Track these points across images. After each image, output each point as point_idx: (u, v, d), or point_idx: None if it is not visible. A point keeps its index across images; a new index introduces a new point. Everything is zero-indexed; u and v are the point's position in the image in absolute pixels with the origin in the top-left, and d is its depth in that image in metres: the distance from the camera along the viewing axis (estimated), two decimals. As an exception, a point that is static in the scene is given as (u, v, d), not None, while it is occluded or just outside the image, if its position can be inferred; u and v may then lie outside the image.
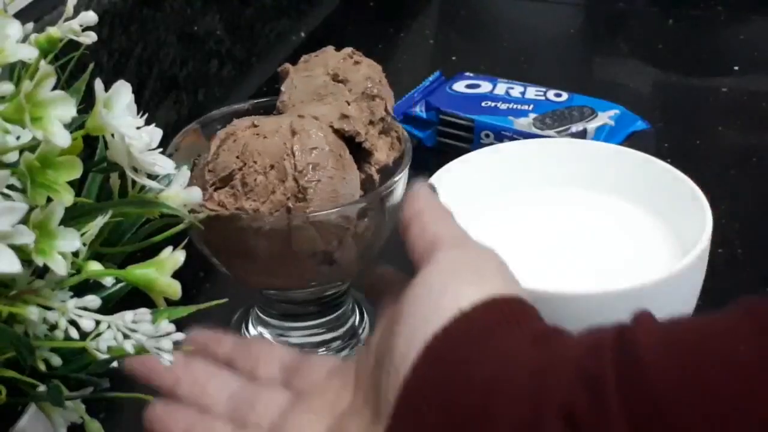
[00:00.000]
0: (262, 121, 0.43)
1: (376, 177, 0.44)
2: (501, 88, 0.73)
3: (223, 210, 0.41)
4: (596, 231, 0.51)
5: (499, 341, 0.30)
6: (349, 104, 0.44)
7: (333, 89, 0.45)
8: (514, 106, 0.70)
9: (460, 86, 0.74)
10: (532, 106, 0.70)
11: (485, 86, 0.73)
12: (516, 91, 0.72)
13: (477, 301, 0.31)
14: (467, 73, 0.76)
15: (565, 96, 0.71)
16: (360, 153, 0.44)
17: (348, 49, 0.47)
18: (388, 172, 0.46)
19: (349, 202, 0.42)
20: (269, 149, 0.41)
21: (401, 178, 0.44)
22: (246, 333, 0.52)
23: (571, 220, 0.52)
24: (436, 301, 0.31)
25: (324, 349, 0.51)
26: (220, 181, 0.42)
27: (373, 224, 0.44)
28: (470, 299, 0.31)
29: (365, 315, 0.53)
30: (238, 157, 0.41)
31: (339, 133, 0.43)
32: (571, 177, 0.53)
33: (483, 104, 0.71)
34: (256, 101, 0.50)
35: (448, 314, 0.30)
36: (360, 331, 0.52)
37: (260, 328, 0.52)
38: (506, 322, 0.30)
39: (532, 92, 0.72)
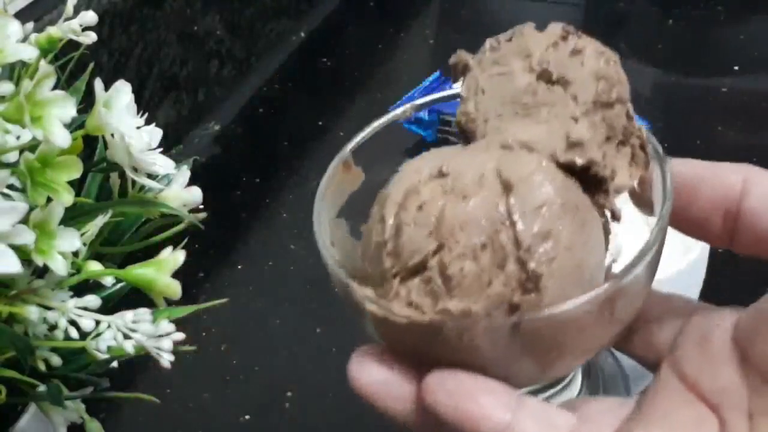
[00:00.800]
0: (452, 164, 0.29)
1: (619, 211, 0.31)
2: (501, 87, 0.73)
3: (418, 314, 0.28)
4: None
5: None
6: (576, 121, 0.30)
7: (546, 96, 0.30)
8: (515, 106, 0.70)
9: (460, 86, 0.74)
10: (532, 106, 0.69)
11: (485, 86, 0.73)
12: (516, 90, 0.72)
13: None
14: (467, 73, 0.76)
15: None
16: (591, 181, 0.30)
17: (558, 27, 0.31)
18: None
19: (598, 274, 0.30)
20: (475, 218, 0.28)
21: (668, 217, 0.30)
22: None
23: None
24: None
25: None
26: (408, 271, 0.29)
27: (639, 293, 0.30)
28: None
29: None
30: (430, 235, 0.28)
31: (567, 167, 0.29)
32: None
33: (483, 104, 0.71)
34: (418, 103, 0.35)
35: None
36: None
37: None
38: None
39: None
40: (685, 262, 0.43)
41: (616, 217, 0.30)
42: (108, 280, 0.32)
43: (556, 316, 0.27)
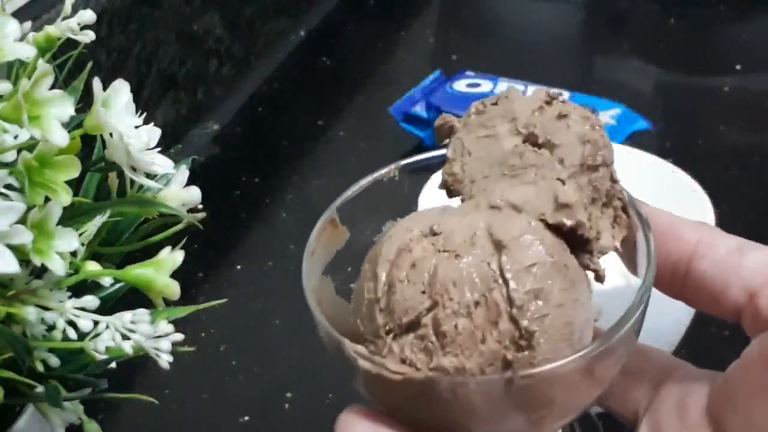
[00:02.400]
0: (444, 224, 0.30)
1: (603, 272, 0.31)
2: (502, 87, 0.73)
3: (412, 371, 0.28)
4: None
5: None
6: (563, 183, 0.30)
7: (532, 158, 0.31)
8: (515, 105, 0.70)
9: (460, 85, 0.73)
10: (532, 105, 0.69)
11: (486, 85, 0.73)
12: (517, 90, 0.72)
13: None
14: (468, 72, 0.76)
15: (566, 95, 0.70)
16: (576, 241, 0.31)
17: (542, 92, 0.32)
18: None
19: (587, 332, 0.29)
20: (468, 276, 0.28)
21: (653, 279, 0.30)
22: None
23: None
24: None
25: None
26: (401, 328, 0.29)
27: (625, 351, 0.30)
28: None
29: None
30: (424, 292, 0.28)
31: (555, 228, 0.30)
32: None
33: (484, 103, 0.71)
34: (403, 163, 0.34)
35: None
36: None
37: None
38: None
39: (533, 91, 0.71)
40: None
41: (600, 278, 0.30)
42: (106, 281, 0.32)
43: (548, 372, 0.27)
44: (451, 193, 0.32)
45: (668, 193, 0.49)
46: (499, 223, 0.29)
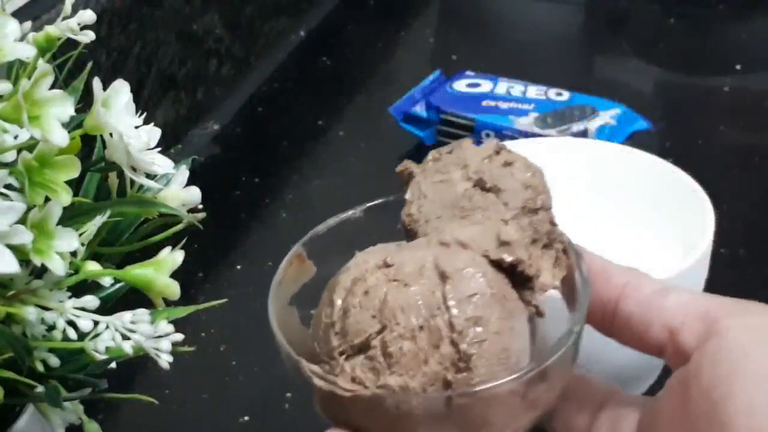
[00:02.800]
0: (397, 257, 0.33)
1: (544, 309, 0.34)
2: (502, 87, 0.72)
3: (360, 388, 0.31)
4: (597, 231, 0.51)
5: None
6: (506, 223, 0.34)
7: (480, 202, 0.34)
8: (515, 105, 0.70)
9: (460, 85, 0.73)
10: (533, 105, 0.69)
11: (486, 85, 0.73)
12: (517, 90, 0.72)
13: None
14: (468, 72, 0.76)
15: (566, 95, 0.71)
16: (519, 279, 0.34)
17: (492, 143, 0.36)
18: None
19: (523, 358, 0.32)
20: (415, 303, 0.31)
21: (586, 312, 0.34)
22: None
23: (572, 220, 0.52)
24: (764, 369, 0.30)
25: None
26: (353, 349, 0.32)
27: (560, 379, 0.33)
28: None
29: None
30: (374, 317, 0.31)
31: (497, 264, 0.33)
32: (572, 177, 0.52)
33: (484, 103, 0.71)
34: (368, 205, 0.38)
35: None
36: None
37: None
38: None
39: (533, 91, 0.72)
40: (686, 263, 0.42)
41: (539, 313, 0.33)
42: (106, 281, 0.32)
43: (484, 393, 0.30)
44: (408, 232, 0.35)
45: (668, 193, 0.49)
46: (445, 257, 0.32)
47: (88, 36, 0.35)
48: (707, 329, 0.31)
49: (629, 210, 0.51)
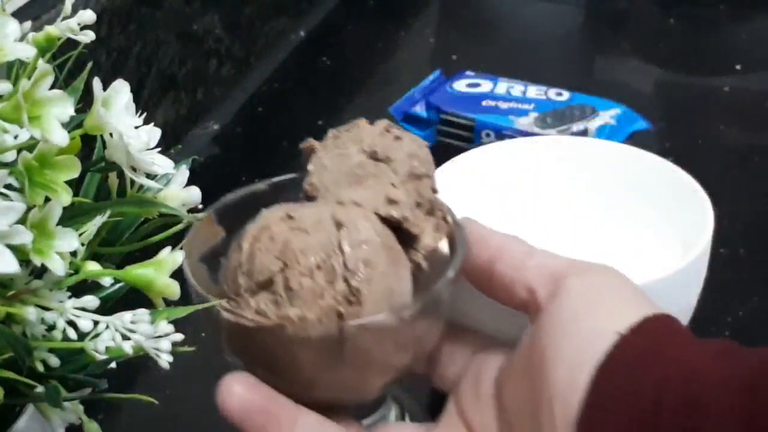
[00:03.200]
0: (298, 212, 0.37)
1: (425, 264, 0.39)
2: (502, 87, 0.73)
3: (263, 319, 0.35)
4: (597, 230, 0.51)
5: (678, 356, 0.30)
6: (395, 186, 0.39)
7: (373, 170, 0.39)
8: (515, 105, 0.70)
9: (460, 85, 0.74)
10: (533, 105, 0.69)
11: (486, 85, 0.73)
12: (517, 90, 0.72)
13: (634, 322, 0.31)
14: (468, 72, 0.76)
15: (566, 95, 0.71)
16: (405, 239, 0.39)
17: (383, 123, 0.41)
18: (434, 257, 0.41)
19: (405, 300, 0.37)
20: (313, 247, 0.35)
21: (459, 265, 0.39)
22: None
23: (572, 219, 0.52)
24: (591, 327, 0.32)
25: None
26: (258, 286, 0.36)
27: (435, 322, 0.38)
28: (627, 321, 0.31)
29: (403, 407, 0.48)
30: (277, 258, 0.36)
31: (386, 220, 0.38)
32: (572, 176, 0.52)
33: (483, 103, 0.71)
34: (274, 180, 0.43)
35: (609, 339, 0.31)
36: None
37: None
38: (674, 339, 0.31)
39: (533, 91, 0.72)
40: (685, 262, 0.42)
41: (420, 268, 0.38)
42: (106, 281, 0.32)
43: (371, 324, 0.35)
44: (309, 199, 0.40)
45: (668, 193, 0.49)
46: (341, 211, 0.37)
47: (88, 36, 0.35)
48: (555, 289, 0.35)
49: (629, 209, 0.51)
